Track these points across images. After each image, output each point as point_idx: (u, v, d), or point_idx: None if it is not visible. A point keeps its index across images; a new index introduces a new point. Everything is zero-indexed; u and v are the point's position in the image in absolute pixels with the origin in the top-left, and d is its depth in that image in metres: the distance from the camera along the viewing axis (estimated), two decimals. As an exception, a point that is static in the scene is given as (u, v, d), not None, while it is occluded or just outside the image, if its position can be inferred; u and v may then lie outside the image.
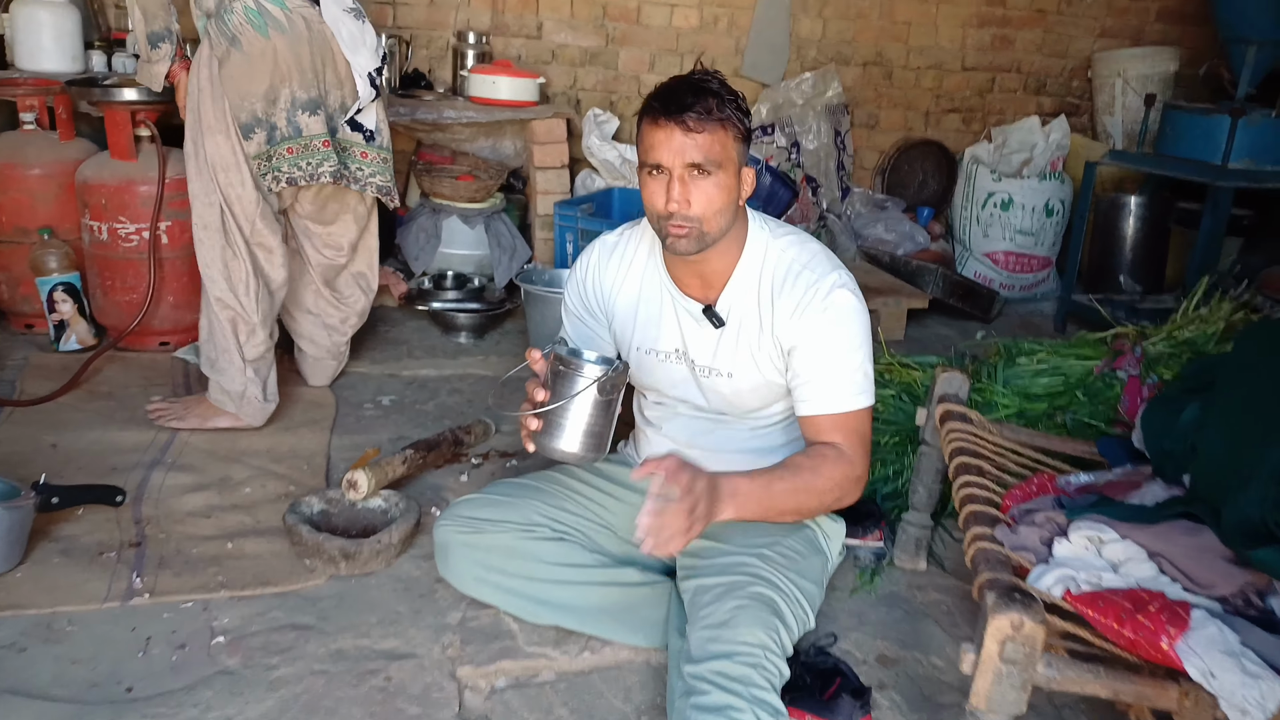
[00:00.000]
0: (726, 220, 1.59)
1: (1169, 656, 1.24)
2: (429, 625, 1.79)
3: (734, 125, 1.54)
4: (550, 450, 1.56)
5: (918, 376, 2.49)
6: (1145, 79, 4.41)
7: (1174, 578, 1.37)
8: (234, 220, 2.37)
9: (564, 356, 1.54)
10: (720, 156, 1.53)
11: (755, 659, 1.41)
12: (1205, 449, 1.51)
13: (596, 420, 1.55)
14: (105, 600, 1.78)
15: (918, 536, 2.09)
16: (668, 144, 1.52)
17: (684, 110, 1.50)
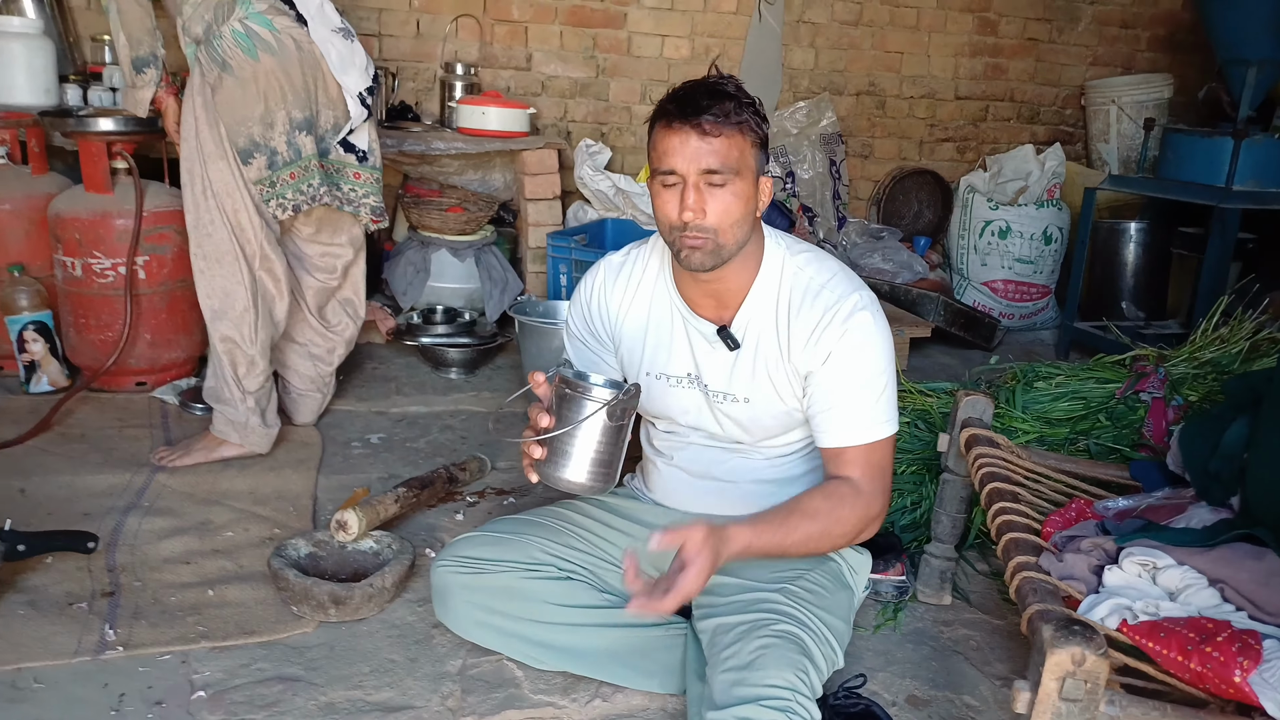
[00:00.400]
0: (744, 233, 1.50)
1: (1242, 691, 1.14)
2: (427, 674, 1.66)
3: (752, 130, 1.45)
4: (555, 480, 1.45)
5: (933, 403, 2.40)
6: (1140, 105, 4.40)
7: (1239, 605, 1.26)
8: (239, 248, 2.32)
9: (571, 379, 1.44)
10: (738, 163, 1.44)
11: (785, 703, 1.29)
12: (1260, 468, 1.42)
13: (606, 448, 1.44)
14: (75, 655, 1.64)
15: (942, 569, 1.98)
16: (682, 149, 1.43)
17: (700, 113, 1.41)
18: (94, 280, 2.74)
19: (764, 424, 1.63)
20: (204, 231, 2.31)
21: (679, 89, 1.46)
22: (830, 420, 1.54)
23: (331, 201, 2.44)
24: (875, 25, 4.46)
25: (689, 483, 1.74)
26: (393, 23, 3.97)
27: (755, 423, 1.63)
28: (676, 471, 1.75)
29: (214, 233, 2.30)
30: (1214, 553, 1.32)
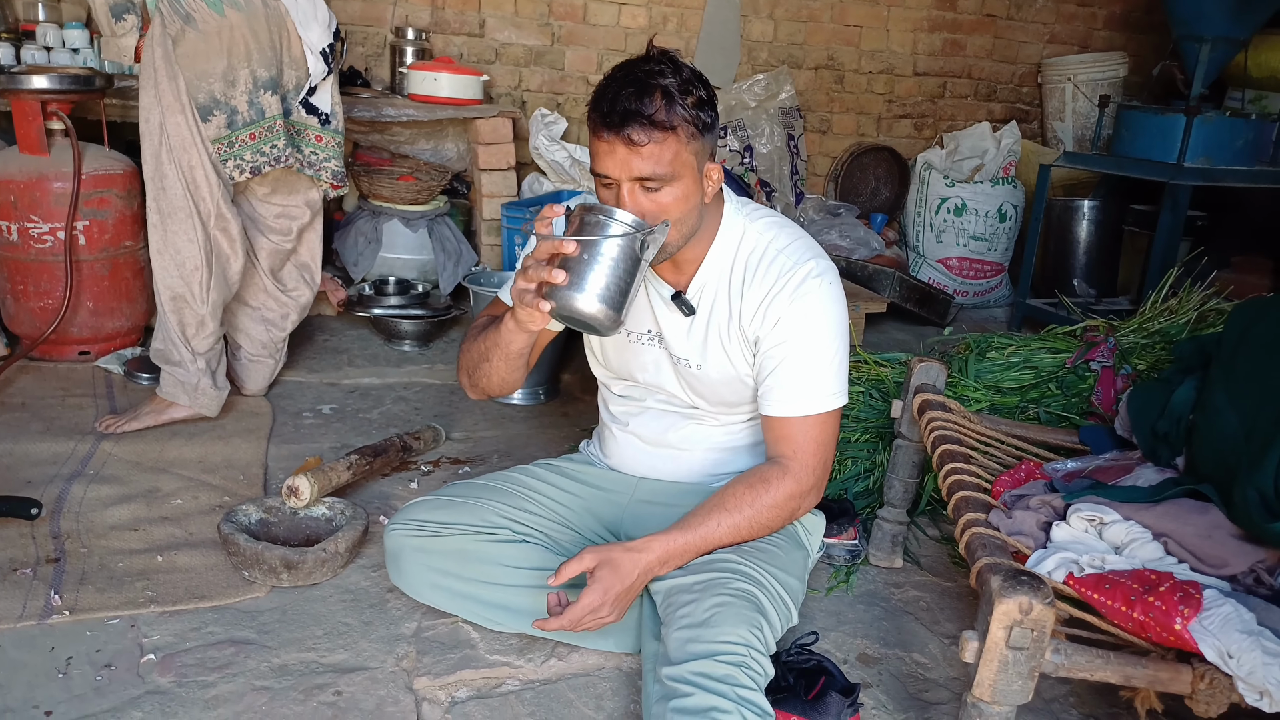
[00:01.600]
0: (689, 226, 1.47)
1: (1182, 638, 1.16)
2: (381, 636, 1.64)
3: (687, 126, 1.38)
4: (569, 307, 1.36)
5: (887, 373, 2.41)
6: (1095, 84, 4.46)
7: (1181, 558, 1.29)
8: (194, 205, 2.26)
9: (599, 206, 1.37)
10: (671, 167, 1.38)
11: (739, 658, 1.30)
12: (1209, 427, 1.44)
13: (624, 278, 1.37)
14: (19, 619, 1.60)
15: (894, 533, 2.00)
16: (611, 156, 1.38)
17: (626, 122, 1.34)
18: (31, 246, 2.64)
19: (718, 391, 1.62)
20: (158, 185, 2.25)
21: (608, 83, 1.39)
22: (774, 387, 1.53)
23: (293, 164, 2.39)
24: (834, -2, 4.46)
25: (643, 449, 1.74)
26: (343, -15, 3.88)
27: (710, 389, 1.62)
28: (631, 438, 1.74)
29: (168, 187, 2.24)
30: (1159, 508, 1.35)
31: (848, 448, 2.25)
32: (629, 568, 1.44)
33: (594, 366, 1.79)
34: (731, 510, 1.49)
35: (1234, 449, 1.35)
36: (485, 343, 1.59)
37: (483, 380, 1.64)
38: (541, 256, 1.37)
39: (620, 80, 1.38)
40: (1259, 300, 1.61)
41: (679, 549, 1.47)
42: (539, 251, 1.38)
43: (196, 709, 1.44)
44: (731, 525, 1.49)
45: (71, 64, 3.17)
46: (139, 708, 1.44)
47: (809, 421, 1.52)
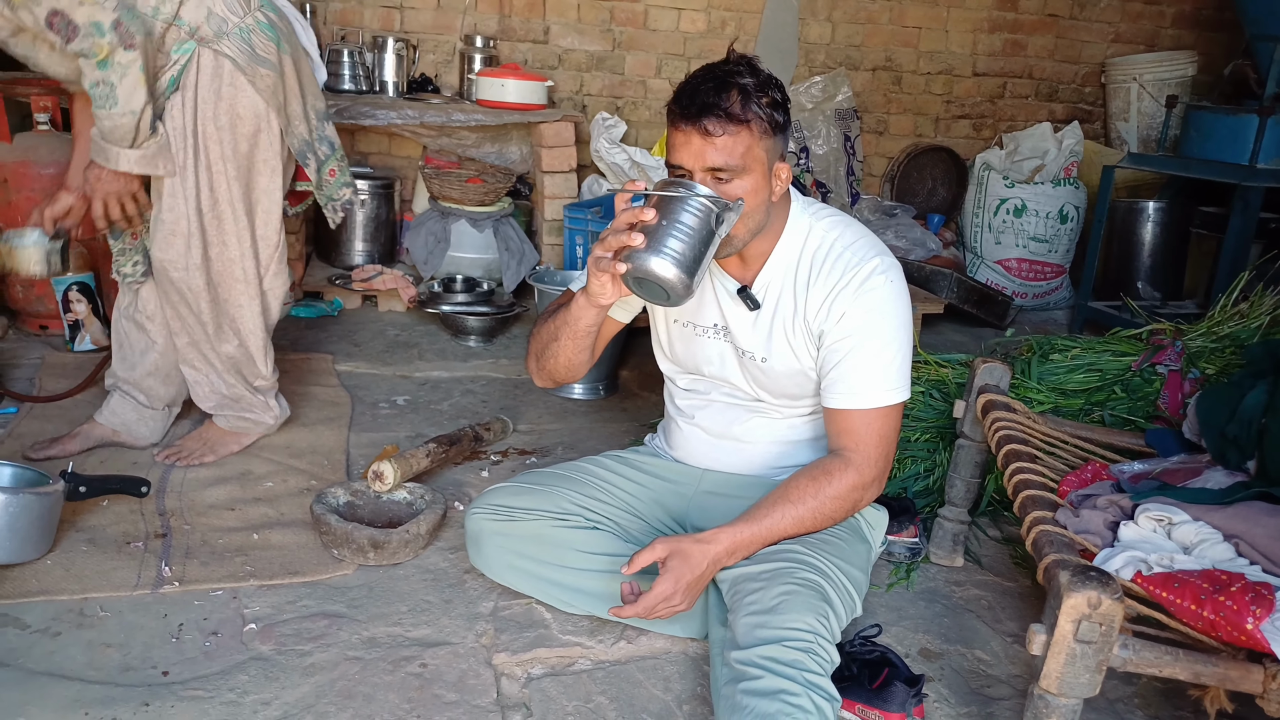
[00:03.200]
0: (756, 221, 1.52)
1: (1254, 638, 1.18)
2: (461, 614, 1.73)
3: (762, 122, 1.44)
4: (644, 269, 1.41)
5: (948, 374, 2.43)
6: (1162, 84, 4.39)
7: (1253, 560, 1.31)
8: (256, 266, 2.12)
9: (680, 180, 1.44)
10: (743, 160, 1.45)
11: (807, 644, 1.34)
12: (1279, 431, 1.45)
13: (699, 247, 1.42)
14: (135, 588, 1.74)
15: (955, 532, 2.03)
16: (687, 147, 1.45)
17: (703, 114, 1.42)
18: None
19: (782, 383, 1.66)
20: (235, 251, 2.08)
21: (689, 80, 1.46)
22: (837, 380, 1.57)
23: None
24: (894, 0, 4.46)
25: (708, 441, 1.79)
26: (414, -7, 3.99)
27: (774, 382, 1.66)
28: (697, 430, 1.79)
29: (227, 250, 2.08)
30: (1230, 509, 1.36)
31: (908, 447, 2.28)
32: (699, 558, 1.49)
33: (661, 361, 1.84)
34: (795, 502, 1.54)
35: (1307, 452, 1.36)
36: (555, 322, 1.66)
37: (549, 362, 1.71)
38: (620, 226, 1.44)
39: (700, 77, 1.46)
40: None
41: (746, 540, 1.52)
42: (618, 222, 1.45)
43: (296, 675, 1.54)
44: (796, 517, 1.53)
45: (159, 69, 3.32)
46: (245, 671, 1.54)
47: (871, 414, 1.56)
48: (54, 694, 1.46)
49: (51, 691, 1.47)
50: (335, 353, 3.04)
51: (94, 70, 1.79)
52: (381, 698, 1.51)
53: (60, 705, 1.44)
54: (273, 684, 1.52)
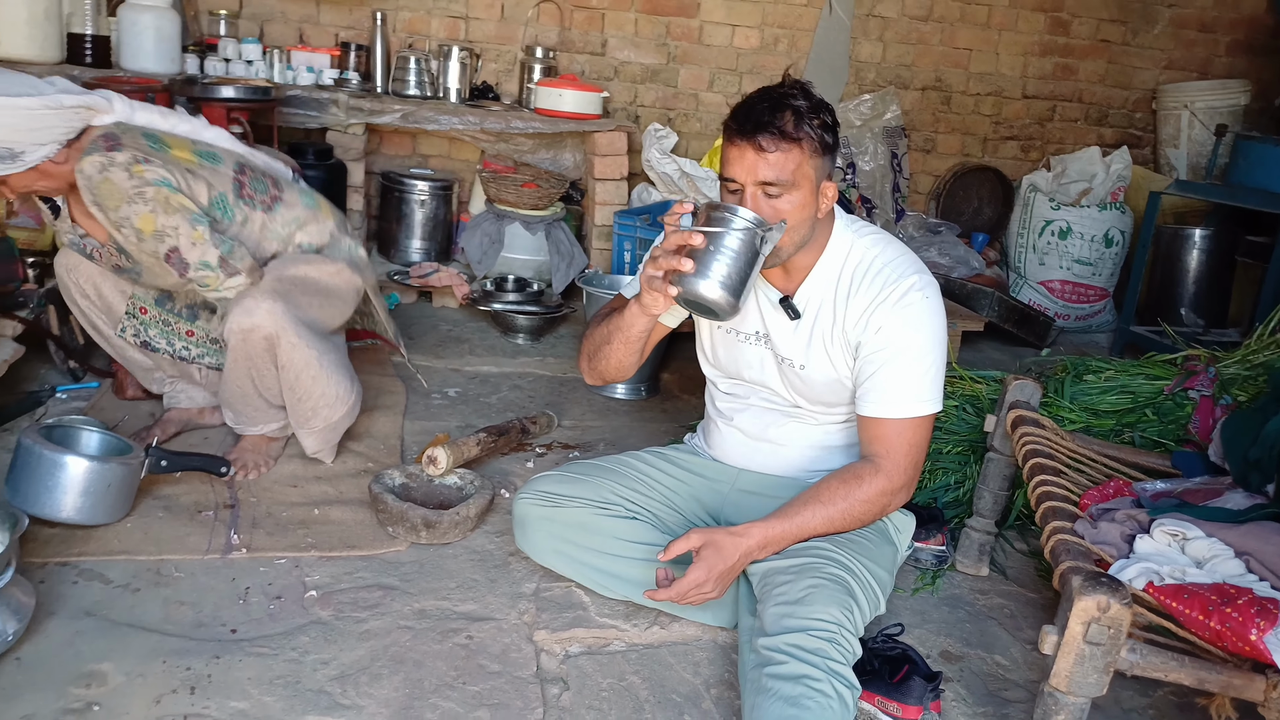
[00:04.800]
0: (802, 235, 1.61)
1: (1257, 649, 1.25)
2: (505, 593, 1.85)
3: (811, 142, 1.54)
4: (694, 292, 1.52)
5: (982, 390, 2.50)
6: (1213, 111, 4.40)
7: (1263, 576, 1.37)
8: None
9: (724, 204, 1.53)
10: (794, 176, 1.54)
11: (831, 634, 1.43)
12: (1294, 454, 1.52)
13: (744, 269, 1.52)
14: (206, 552, 1.89)
15: (981, 542, 2.10)
16: (740, 161, 1.55)
17: (758, 130, 1.52)
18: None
19: (819, 391, 1.75)
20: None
21: (746, 100, 1.57)
22: (872, 389, 1.65)
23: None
24: (945, 21, 4.52)
25: (745, 443, 1.88)
26: (479, 6, 4.14)
27: (811, 389, 1.75)
28: (735, 432, 1.88)
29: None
30: (1243, 528, 1.43)
31: (939, 459, 2.35)
32: (731, 550, 1.58)
33: (704, 365, 1.94)
34: (826, 503, 1.62)
35: (1319, 476, 1.42)
36: (609, 326, 1.77)
37: (601, 363, 1.81)
38: (670, 247, 1.55)
39: (757, 98, 1.57)
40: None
41: (777, 535, 1.61)
42: (668, 243, 1.55)
43: (352, 639, 1.67)
44: (826, 517, 1.62)
45: (247, 74, 3.53)
46: (306, 634, 1.67)
47: (903, 424, 1.64)
48: (135, 643, 1.60)
49: (133, 641, 1.61)
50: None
51: (209, 292, 2.06)
52: (430, 664, 1.63)
53: (140, 654, 1.58)
54: (331, 646, 1.65)
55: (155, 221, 1.94)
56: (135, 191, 1.91)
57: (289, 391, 2.13)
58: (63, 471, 1.83)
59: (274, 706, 1.49)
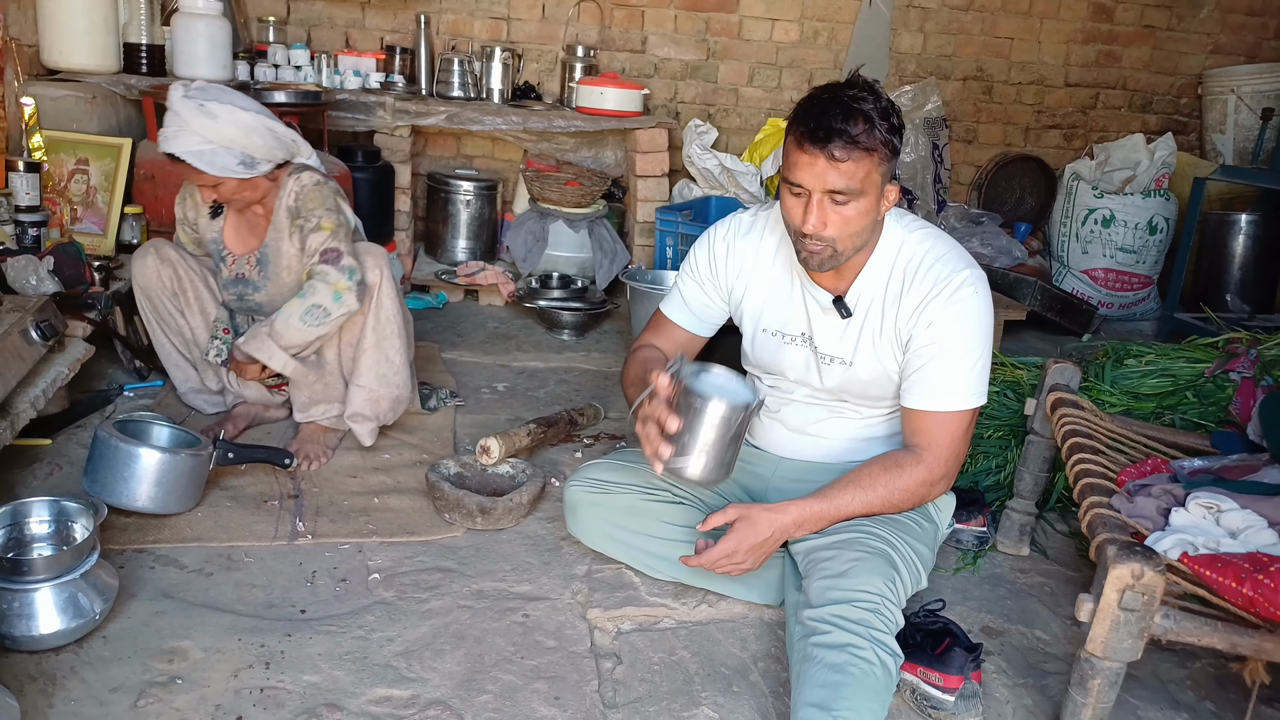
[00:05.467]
0: (862, 240, 1.63)
1: (1289, 614, 1.28)
2: (558, 575, 1.93)
3: (883, 149, 1.52)
4: (678, 476, 1.58)
5: (1023, 375, 2.53)
6: (1261, 95, 4.34)
7: (1294, 545, 1.40)
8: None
9: (697, 391, 1.52)
10: (863, 184, 1.53)
11: (874, 605, 1.49)
12: (1328, 429, 1.54)
13: (724, 452, 1.57)
14: (274, 539, 1.99)
15: (1022, 523, 2.13)
16: (810, 168, 1.53)
17: (830, 139, 1.49)
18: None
19: (865, 387, 1.78)
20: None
21: (815, 101, 1.53)
22: (918, 382, 1.68)
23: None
24: (986, 11, 4.52)
25: (787, 435, 1.92)
26: (520, 6, 4.24)
27: (855, 383, 1.78)
28: (777, 424, 1.93)
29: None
30: (1276, 499, 1.46)
31: (981, 443, 2.39)
32: (764, 525, 1.64)
33: (746, 364, 1.98)
34: (865, 488, 1.67)
35: (1355, 450, 1.45)
36: (639, 372, 1.84)
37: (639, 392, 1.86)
38: (652, 415, 1.58)
39: (827, 101, 1.52)
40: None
41: (813, 515, 1.66)
42: (652, 410, 1.59)
43: (415, 618, 1.76)
44: (864, 501, 1.67)
45: (295, 79, 3.65)
46: (371, 613, 1.77)
47: (947, 417, 1.67)
48: (211, 622, 1.71)
49: (209, 620, 1.71)
50: (440, 342, 3.30)
51: (326, 296, 2.15)
52: (490, 640, 1.72)
53: (217, 631, 1.68)
54: (395, 624, 1.75)
55: (333, 225, 2.23)
56: (332, 204, 2.27)
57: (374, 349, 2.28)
58: (138, 463, 1.95)
59: (344, 680, 1.59)
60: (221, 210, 2.40)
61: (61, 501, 1.80)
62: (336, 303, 2.16)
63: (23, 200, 2.75)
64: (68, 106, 3.27)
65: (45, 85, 3.27)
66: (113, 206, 3.21)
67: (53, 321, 2.29)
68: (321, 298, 2.14)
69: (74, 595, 1.62)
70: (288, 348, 2.19)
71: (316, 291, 2.15)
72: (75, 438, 2.36)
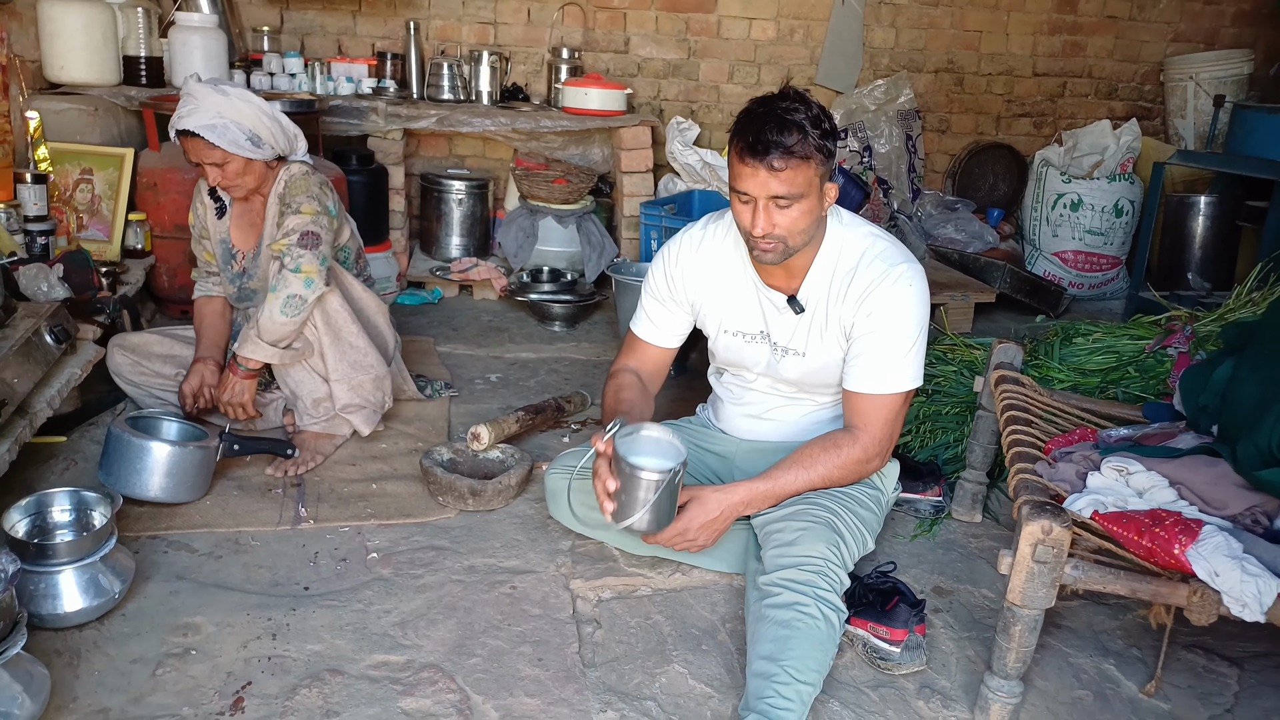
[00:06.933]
0: (809, 235, 1.79)
1: (1181, 561, 1.45)
2: (544, 550, 2.10)
3: (817, 155, 1.67)
4: (624, 525, 1.72)
5: (978, 355, 2.69)
6: (1218, 81, 4.50)
7: (1192, 501, 1.57)
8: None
9: (630, 463, 1.66)
10: (803, 188, 1.69)
11: (819, 568, 1.65)
12: (1234, 397, 1.70)
13: (663, 504, 1.71)
14: (278, 524, 2.15)
15: (974, 492, 2.30)
16: (754, 178, 1.69)
17: (768, 152, 1.65)
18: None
19: (817, 374, 1.95)
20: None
21: (752, 116, 1.69)
22: (858, 366, 1.84)
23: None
24: (955, 5, 4.66)
25: (748, 420, 2.10)
26: (506, 11, 4.39)
27: (810, 373, 1.95)
28: (738, 410, 2.10)
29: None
30: (1177, 461, 1.62)
31: (939, 419, 2.55)
32: (714, 505, 1.79)
33: (712, 359, 2.15)
34: (806, 467, 1.83)
35: (1249, 414, 1.61)
36: (612, 408, 1.99)
37: None
38: (600, 492, 1.73)
39: (763, 115, 1.68)
40: (1299, 292, 1.83)
41: (761, 494, 1.82)
42: (598, 468, 1.74)
43: (410, 591, 1.93)
44: (806, 479, 1.83)
45: (290, 87, 3.81)
46: (370, 588, 1.93)
47: (883, 399, 1.84)
48: (222, 600, 1.87)
49: (220, 598, 1.87)
50: (436, 335, 3.46)
51: (298, 285, 2.28)
52: (480, 610, 1.88)
53: (227, 607, 1.84)
54: (392, 598, 1.91)
55: (314, 211, 2.37)
56: (314, 194, 2.41)
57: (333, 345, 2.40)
58: (149, 456, 2.10)
59: (345, 648, 1.75)
60: (226, 210, 2.55)
61: (81, 492, 1.95)
62: (309, 289, 2.29)
63: (31, 210, 2.88)
64: (71, 119, 3.43)
65: (48, 99, 3.43)
66: (117, 214, 3.37)
67: (65, 326, 2.44)
68: (295, 287, 2.27)
69: (95, 576, 1.77)
70: (276, 342, 2.32)
71: (289, 283, 2.26)
72: (88, 435, 2.52)
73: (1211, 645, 1.89)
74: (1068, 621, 1.95)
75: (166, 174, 3.35)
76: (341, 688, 1.64)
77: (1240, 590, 1.39)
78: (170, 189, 3.35)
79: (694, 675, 1.74)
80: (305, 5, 4.20)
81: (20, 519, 1.87)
